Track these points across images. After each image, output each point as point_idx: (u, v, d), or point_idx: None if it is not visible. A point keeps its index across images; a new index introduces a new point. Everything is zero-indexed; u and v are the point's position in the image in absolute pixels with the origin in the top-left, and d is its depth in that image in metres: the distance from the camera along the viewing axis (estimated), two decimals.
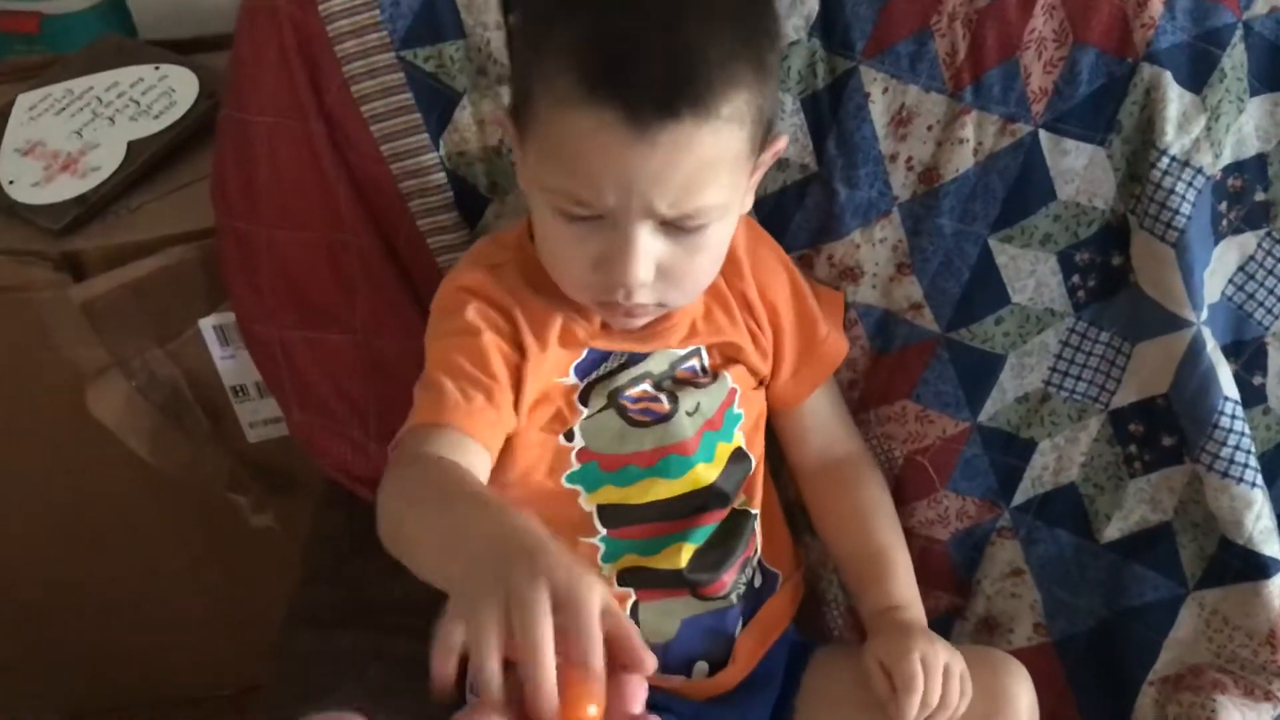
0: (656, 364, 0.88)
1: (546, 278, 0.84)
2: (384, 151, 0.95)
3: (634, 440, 0.86)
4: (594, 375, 0.86)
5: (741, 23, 0.75)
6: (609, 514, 0.87)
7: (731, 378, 0.90)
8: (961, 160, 0.93)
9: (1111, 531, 1.00)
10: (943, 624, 1.02)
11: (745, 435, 0.91)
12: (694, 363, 0.89)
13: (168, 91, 1.18)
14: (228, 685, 1.46)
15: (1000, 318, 0.97)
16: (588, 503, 0.87)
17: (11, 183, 1.12)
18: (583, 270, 0.79)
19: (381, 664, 0.92)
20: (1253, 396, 0.99)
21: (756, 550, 0.92)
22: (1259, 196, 0.95)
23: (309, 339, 0.99)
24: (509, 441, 0.84)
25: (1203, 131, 0.91)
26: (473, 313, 0.83)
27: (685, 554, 0.87)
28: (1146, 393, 0.98)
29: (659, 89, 0.71)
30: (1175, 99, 0.90)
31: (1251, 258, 0.97)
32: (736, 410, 0.90)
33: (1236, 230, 0.96)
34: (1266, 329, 0.99)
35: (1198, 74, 0.90)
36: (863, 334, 0.99)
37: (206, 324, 1.11)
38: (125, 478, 1.22)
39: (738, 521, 0.90)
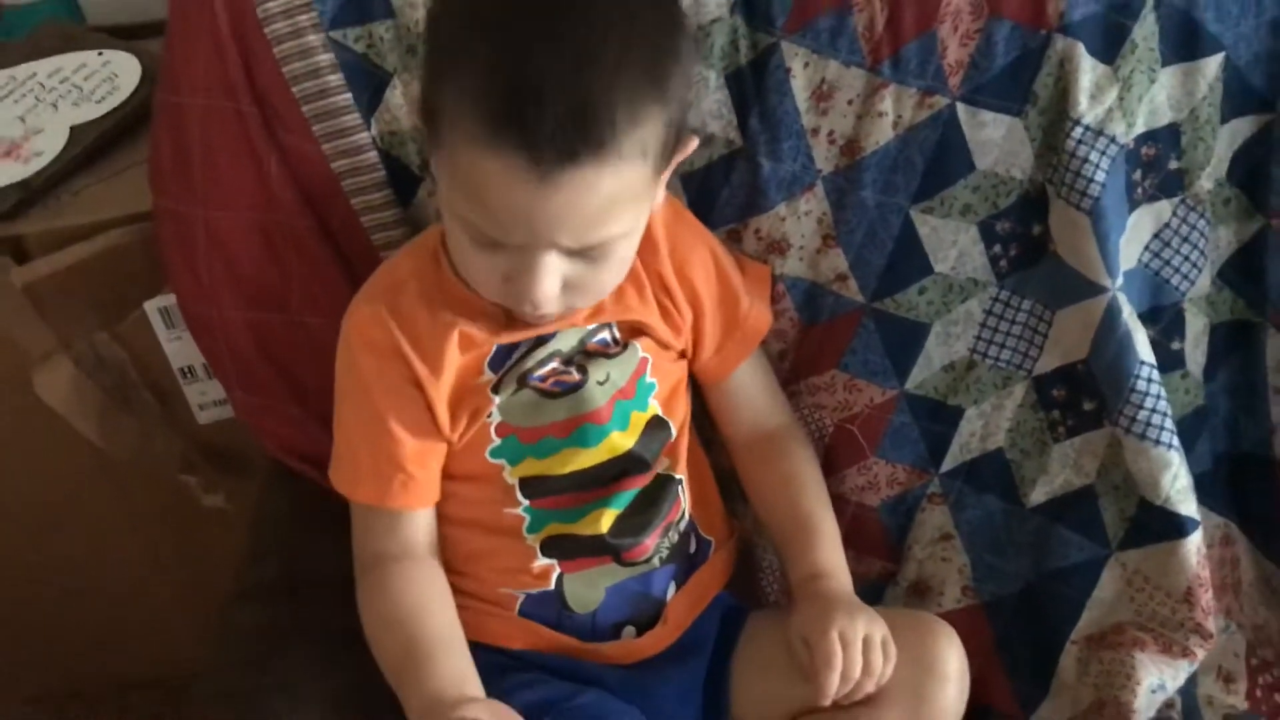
0: (565, 341, 0.90)
1: (452, 288, 0.87)
2: (316, 131, 0.96)
3: (548, 411, 0.88)
4: (506, 366, 0.89)
5: (647, 55, 0.75)
6: (531, 485, 0.89)
7: (642, 347, 0.91)
8: (881, 133, 0.94)
9: (1037, 495, 1.02)
10: (875, 589, 1.04)
11: (661, 403, 0.92)
12: (604, 335, 0.91)
13: (110, 77, 1.19)
14: (187, 667, 1.47)
15: (924, 287, 0.99)
16: (510, 476, 0.89)
17: None
18: (493, 282, 0.83)
19: (320, 637, 0.93)
20: (1171, 361, 1.01)
21: (683, 514, 0.94)
22: (1172, 165, 0.96)
23: (247, 319, 1.00)
24: None
25: (1115, 101, 0.92)
26: (371, 379, 0.87)
27: (607, 519, 0.89)
28: (1068, 359, 0.99)
29: (560, 137, 0.72)
30: (1088, 70, 0.91)
31: (1166, 225, 0.99)
32: (649, 379, 0.91)
33: (1151, 198, 0.98)
34: (1183, 294, 1.01)
35: (1110, 45, 0.92)
36: (791, 306, 1.01)
37: (152, 306, 1.12)
38: (77, 460, 1.23)
39: (660, 487, 0.92)
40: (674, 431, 0.93)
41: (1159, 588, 0.99)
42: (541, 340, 0.89)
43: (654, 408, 0.92)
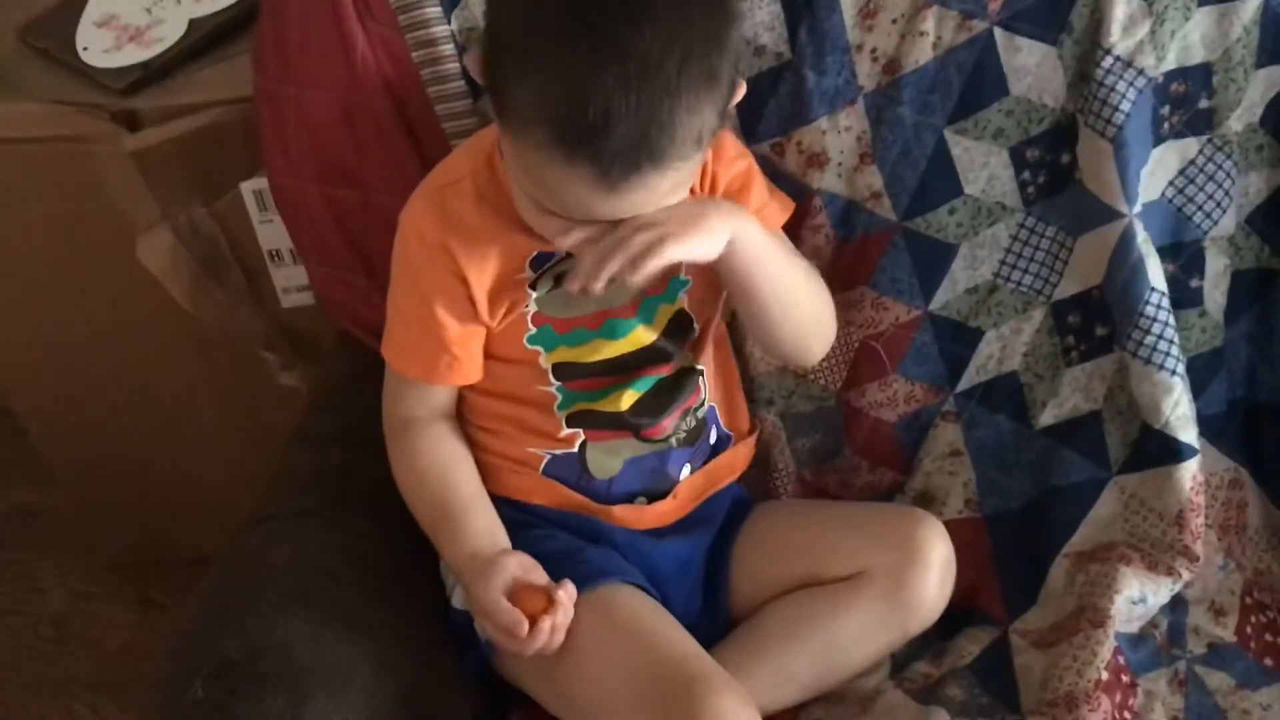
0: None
1: (501, 196, 0.91)
2: (402, 22, 1.04)
3: (579, 305, 0.94)
4: (546, 266, 0.93)
5: (704, 56, 0.78)
6: (563, 370, 0.96)
7: None
8: (922, 53, 1.00)
9: (1046, 418, 1.06)
10: (883, 498, 1.09)
11: (691, 299, 0.97)
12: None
13: None
14: None
15: (954, 208, 1.03)
16: (545, 361, 0.96)
17: (85, 49, 1.24)
18: (551, 231, 0.87)
19: (361, 481, 1.02)
20: (1190, 298, 1.04)
21: (702, 402, 1.00)
22: (1202, 104, 0.99)
23: (326, 194, 1.09)
24: None
25: (1147, 34, 0.96)
26: (421, 267, 0.93)
27: (627, 400, 0.96)
28: (1085, 285, 1.03)
29: (626, 156, 0.77)
30: (1123, 2, 0.95)
31: (1192, 162, 1.02)
32: (684, 277, 0.96)
33: (1178, 134, 1.01)
34: (1205, 233, 1.04)
35: None
36: (827, 222, 1.06)
37: (246, 187, 1.21)
38: (166, 330, 1.32)
39: (681, 375, 0.98)
40: (697, 329, 0.99)
41: (1152, 510, 1.02)
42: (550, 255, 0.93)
43: (682, 302, 0.98)
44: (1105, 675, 0.93)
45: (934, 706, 0.94)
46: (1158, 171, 1.01)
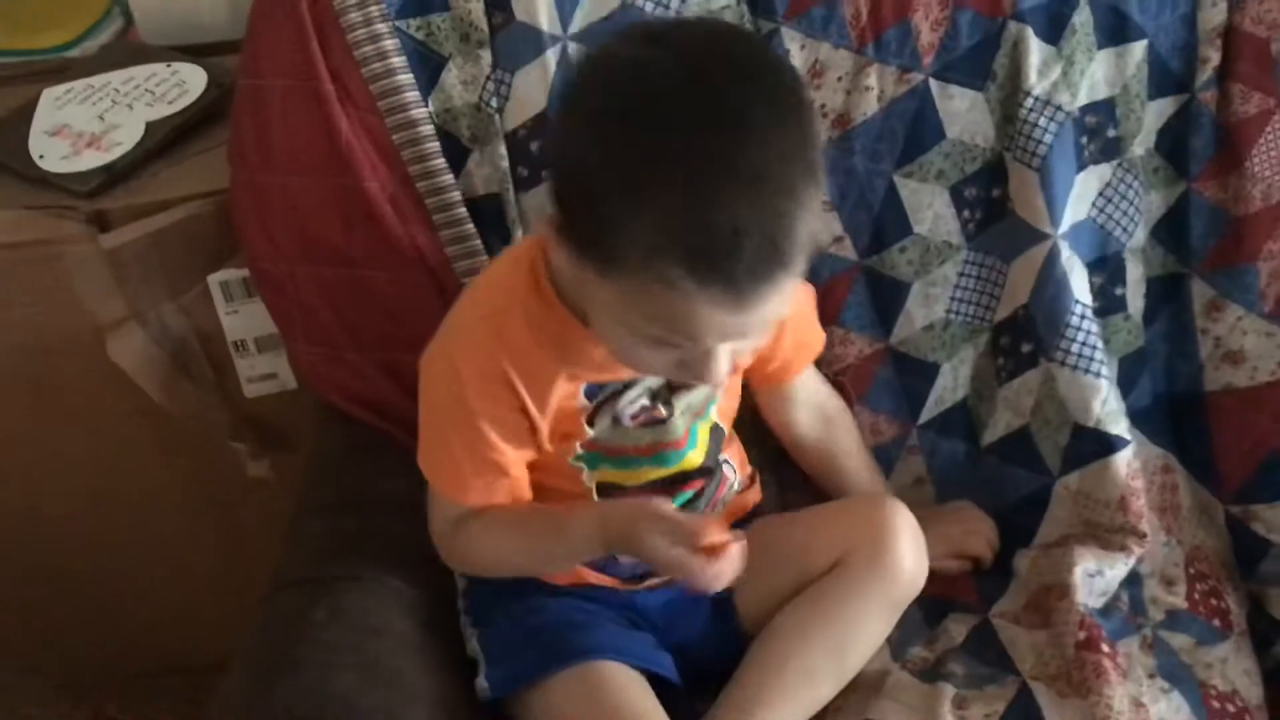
0: (653, 379, 0.96)
1: (556, 325, 0.90)
2: (381, 107, 1.10)
3: (633, 436, 0.97)
4: (601, 396, 0.95)
5: (805, 157, 0.78)
6: (605, 489, 0.99)
7: None
8: (868, 105, 1.11)
9: (988, 436, 1.17)
10: None
11: (720, 411, 1.03)
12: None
13: (180, 83, 1.33)
14: (217, 655, 1.54)
15: (904, 246, 1.15)
16: (589, 479, 0.99)
17: (42, 157, 1.26)
18: (658, 366, 0.87)
19: (385, 540, 1.06)
20: (1115, 305, 1.17)
21: (730, 486, 1.06)
22: (1111, 133, 1.14)
23: (314, 274, 1.14)
24: None
25: (1060, 76, 1.10)
26: (479, 401, 0.91)
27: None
28: (1013, 305, 1.15)
29: (758, 270, 0.76)
30: (1036, 50, 1.10)
31: (1109, 184, 1.15)
32: (716, 396, 1.01)
33: (1096, 160, 1.15)
34: (1124, 245, 1.17)
35: (1054, 29, 1.10)
36: None
37: (214, 280, 1.25)
38: (128, 434, 1.33)
39: (713, 475, 1.04)
40: (727, 431, 1.05)
41: (1098, 500, 1.13)
42: (634, 379, 0.96)
43: (713, 416, 1.02)
44: (1082, 636, 1.03)
45: (939, 683, 1.01)
46: (1083, 194, 1.14)
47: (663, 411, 0.98)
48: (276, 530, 1.12)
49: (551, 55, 1.10)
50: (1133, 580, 1.12)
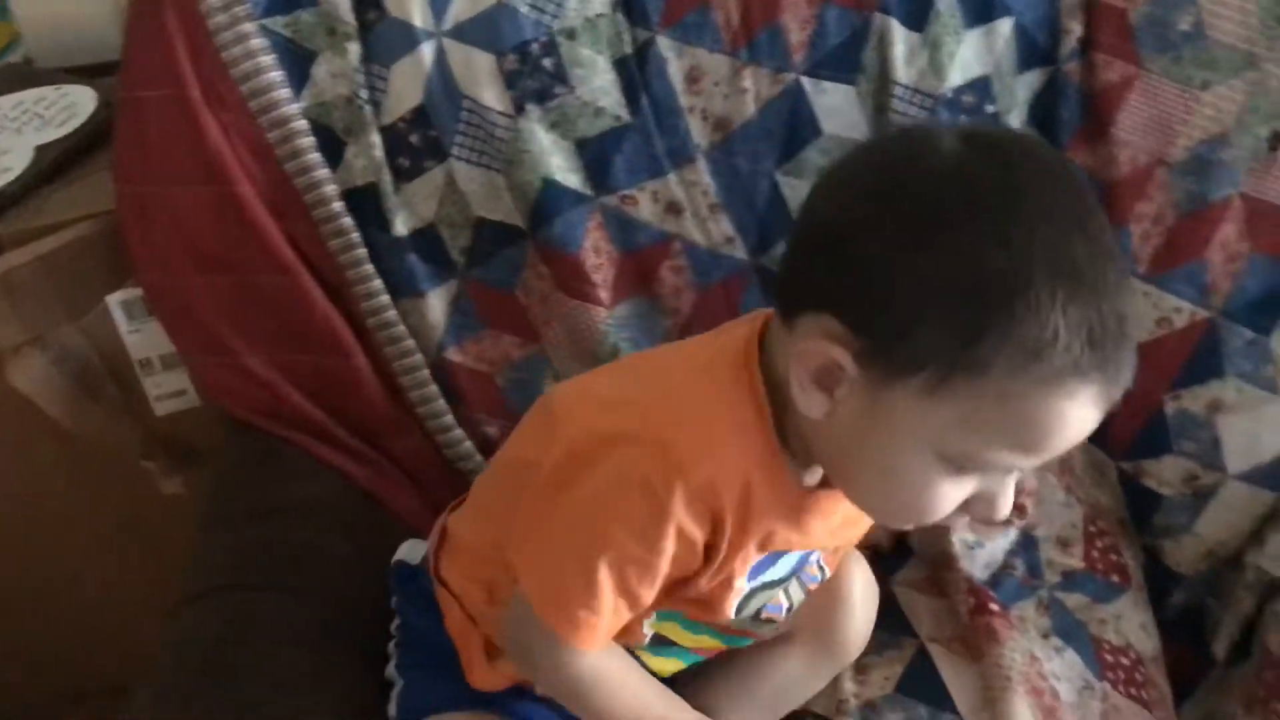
0: (786, 564, 0.88)
1: (790, 487, 0.81)
2: (252, 107, 1.10)
3: (738, 621, 0.89)
4: (759, 581, 0.86)
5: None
6: (659, 639, 0.91)
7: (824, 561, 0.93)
8: (746, 108, 1.13)
9: None
10: None
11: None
12: (816, 556, 0.91)
13: (69, 106, 1.34)
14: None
15: None
16: (648, 627, 0.89)
17: None
18: (947, 505, 0.76)
19: (288, 548, 1.07)
20: None
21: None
22: (989, 109, 1.15)
23: (203, 284, 1.15)
24: None
25: (926, 63, 1.12)
26: (656, 547, 0.78)
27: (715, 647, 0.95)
28: None
29: (1132, 354, 0.72)
30: (901, 39, 1.11)
31: None
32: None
33: None
34: None
35: (918, 15, 1.12)
36: (686, 265, 1.17)
37: (114, 300, 1.25)
38: (38, 456, 1.32)
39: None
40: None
41: None
42: (778, 555, 0.86)
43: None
44: (973, 602, 1.06)
45: None
46: None
47: (784, 605, 0.91)
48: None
49: (427, 49, 1.11)
50: (1028, 545, 1.16)
